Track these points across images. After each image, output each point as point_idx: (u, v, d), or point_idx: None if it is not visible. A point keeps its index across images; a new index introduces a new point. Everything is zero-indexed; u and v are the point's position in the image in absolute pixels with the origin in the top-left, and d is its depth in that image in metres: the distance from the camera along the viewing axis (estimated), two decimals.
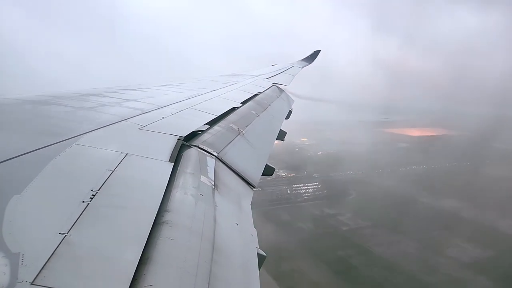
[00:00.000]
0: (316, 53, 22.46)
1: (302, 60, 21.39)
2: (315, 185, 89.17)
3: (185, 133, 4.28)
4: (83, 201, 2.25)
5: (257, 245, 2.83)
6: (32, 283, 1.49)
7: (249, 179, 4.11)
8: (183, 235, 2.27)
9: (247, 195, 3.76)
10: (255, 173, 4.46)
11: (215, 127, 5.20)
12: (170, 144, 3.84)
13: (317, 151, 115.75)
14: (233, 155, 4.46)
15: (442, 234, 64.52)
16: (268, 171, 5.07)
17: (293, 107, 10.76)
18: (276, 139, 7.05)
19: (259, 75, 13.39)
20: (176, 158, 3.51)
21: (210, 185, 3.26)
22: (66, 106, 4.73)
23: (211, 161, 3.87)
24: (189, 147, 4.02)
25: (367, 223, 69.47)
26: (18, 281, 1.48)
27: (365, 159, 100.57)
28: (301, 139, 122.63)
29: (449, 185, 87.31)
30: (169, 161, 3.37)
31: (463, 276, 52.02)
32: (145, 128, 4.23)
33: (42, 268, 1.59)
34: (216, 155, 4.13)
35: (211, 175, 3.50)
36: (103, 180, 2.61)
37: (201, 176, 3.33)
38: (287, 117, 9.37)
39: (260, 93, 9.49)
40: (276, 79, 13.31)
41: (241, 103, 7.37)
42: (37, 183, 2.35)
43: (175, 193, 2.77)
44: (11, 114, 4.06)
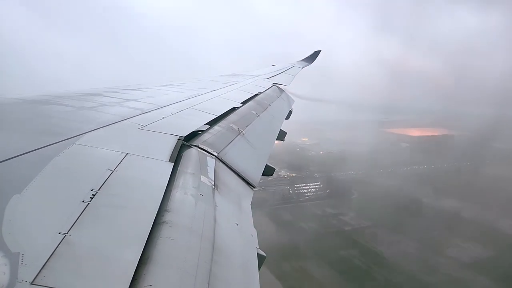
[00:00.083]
0: (316, 53, 22.46)
1: (302, 60, 21.39)
2: (317, 184, 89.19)
3: (185, 133, 4.28)
4: (83, 201, 2.25)
5: (257, 245, 2.83)
6: (32, 283, 1.49)
7: (249, 179, 4.10)
8: (183, 235, 2.27)
9: (247, 195, 3.76)
10: (255, 173, 4.46)
11: (215, 127, 5.19)
12: (170, 144, 3.84)
13: (319, 151, 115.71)
14: (233, 155, 4.45)
15: (442, 234, 64.62)
16: (268, 171, 5.07)
17: (293, 107, 10.77)
18: (276, 139, 7.05)
19: (259, 75, 13.38)
20: (176, 158, 3.51)
21: (210, 185, 3.26)
22: (66, 105, 4.73)
23: (211, 161, 3.86)
24: (189, 147, 4.01)
25: (369, 223, 69.58)
26: (18, 281, 1.48)
27: (366, 159, 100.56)
28: (302, 139, 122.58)
29: (450, 185, 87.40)
30: (169, 161, 3.37)
31: (464, 276, 52.13)
32: (145, 128, 4.23)
33: (42, 268, 1.59)
34: (216, 155, 4.12)
35: (211, 175, 3.50)
36: (103, 180, 2.61)
37: (201, 176, 3.33)
38: (287, 117, 9.36)
39: (260, 93, 9.48)
40: (276, 79, 13.30)
41: (241, 103, 7.36)
42: (37, 182, 2.35)
43: (175, 193, 2.76)
44: (11, 114, 4.06)
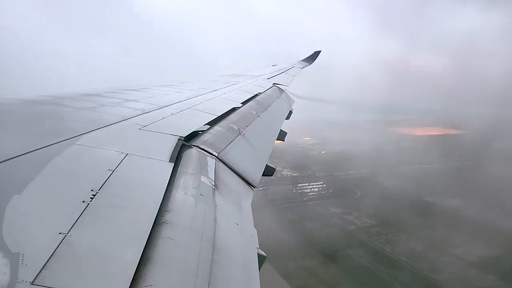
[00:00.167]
0: (316, 54, 22.47)
1: (302, 60, 21.40)
2: (320, 184, 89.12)
3: (185, 133, 4.28)
4: (83, 201, 2.25)
5: (257, 245, 2.82)
6: (32, 283, 1.49)
7: (250, 179, 4.10)
8: (183, 235, 2.27)
9: (248, 195, 3.76)
10: (255, 173, 4.46)
11: (216, 127, 5.19)
12: (170, 144, 3.84)
13: (320, 151, 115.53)
14: (234, 155, 4.45)
15: (447, 232, 64.65)
16: (268, 171, 5.07)
17: (293, 107, 10.77)
18: (276, 139, 7.05)
19: (260, 76, 13.38)
20: (176, 158, 3.51)
21: (210, 185, 3.26)
22: (66, 106, 4.73)
23: (211, 161, 3.86)
24: (190, 147, 4.01)
25: (373, 222, 69.61)
26: (18, 281, 1.48)
27: (368, 158, 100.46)
28: (303, 139, 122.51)
29: (453, 184, 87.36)
30: (169, 161, 3.37)
31: (470, 274, 52.03)
32: (145, 128, 4.23)
33: (42, 268, 1.59)
34: (216, 155, 4.12)
35: (212, 175, 3.50)
36: (103, 180, 2.61)
37: (202, 176, 3.32)
38: (288, 118, 9.37)
39: (260, 93, 9.48)
40: (276, 79, 13.30)
41: (241, 103, 7.36)
42: (37, 183, 2.35)
43: (175, 193, 2.76)
44: (11, 114, 4.06)
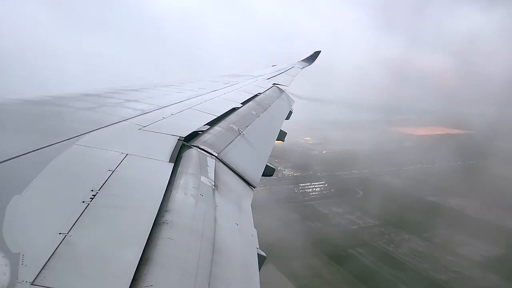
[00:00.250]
0: (316, 54, 22.48)
1: (302, 60, 21.41)
2: (321, 183, 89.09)
3: (185, 134, 4.28)
4: (84, 201, 2.25)
5: (257, 245, 2.82)
6: (32, 283, 1.49)
7: (250, 180, 4.11)
8: (183, 235, 2.27)
9: (248, 196, 3.76)
10: (255, 174, 4.46)
11: (216, 127, 5.19)
12: (170, 144, 3.84)
13: (321, 150, 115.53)
14: (234, 156, 4.45)
15: (450, 232, 64.69)
16: (268, 172, 5.07)
17: (293, 107, 10.78)
18: (276, 140, 7.06)
19: (259, 76, 13.38)
20: (176, 158, 3.51)
21: (210, 185, 3.26)
22: (66, 106, 4.73)
23: (211, 162, 3.87)
24: (190, 147, 4.01)
25: (376, 222, 69.54)
26: (18, 281, 1.48)
27: (369, 158, 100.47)
28: (304, 138, 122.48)
29: (455, 183, 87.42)
30: (169, 162, 3.37)
31: (475, 274, 51.98)
32: (145, 128, 4.23)
33: (42, 268, 1.59)
34: (216, 155, 4.12)
35: (211, 175, 3.50)
36: (103, 180, 2.61)
37: (201, 176, 3.33)
38: (288, 118, 9.38)
39: (260, 93, 9.48)
40: (276, 79, 13.30)
41: (241, 103, 7.37)
42: (38, 183, 2.35)
43: (175, 194, 2.76)
44: (12, 114, 4.06)
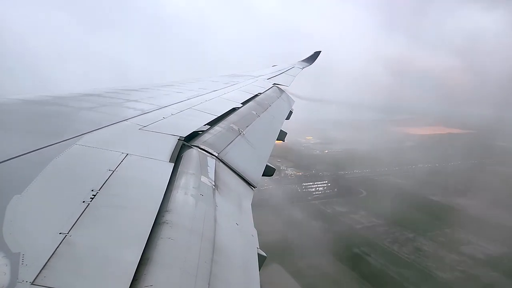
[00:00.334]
0: (316, 54, 22.48)
1: (302, 61, 21.42)
2: (324, 183, 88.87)
3: (185, 133, 4.28)
4: (84, 201, 2.25)
5: (258, 245, 2.82)
6: (32, 283, 1.49)
7: (250, 180, 4.10)
8: (184, 235, 2.27)
9: (248, 196, 3.76)
10: (255, 174, 4.46)
11: (216, 127, 5.19)
12: (170, 144, 3.84)
13: (323, 150, 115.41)
14: (234, 156, 4.45)
15: (454, 231, 64.76)
16: (268, 172, 5.07)
17: (294, 107, 10.78)
18: (276, 140, 7.06)
19: (260, 76, 13.39)
20: (176, 158, 3.51)
21: (210, 185, 3.26)
22: (67, 106, 4.73)
23: (211, 161, 3.87)
24: (190, 147, 4.01)
25: (380, 221, 69.35)
26: (18, 281, 1.48)
27: (371, 157, 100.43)
28: (306, 138, 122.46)
29: (458, 183, 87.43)
30: (169, 161, 3.37)
31: (479, 273, 51.95)
32: (145, 128, 4.23)
33: (42, 268, 1.59)
34: (216, 155, 4.12)
35: (212, 175, 3.50)
36: (103, 180, 2.61)
37: (202, 176, 3.33)
38: (288, 118, 9.38)
39: (260, 93, 9.49)
40: (276, 79, 13.31)
41: (241, 103, 7.37)
42: (38, 183, 2.35)
43: (176, 193, 2.76)
44: (12, 114, 4.06)
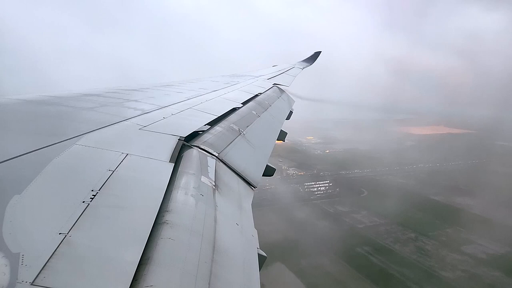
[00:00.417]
0: (316, 54, 22.50)
1: (303, 61, 21.43)
2: (326, 183, 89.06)
3: (185, 134, 4.28)
4: (84, 201, 2.25)
5: (258, 245, 2.82)
6: (32, 284, 1.49)
7: (250, 180, 4.10)
8: (184, 235, 2.26)
9: (248, 196, 3.76)
10: (255, 174, 4.46)
11: (216, 127, 5.19)
12: (170, 144, 3.83)
13: (324, 150, 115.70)
14: (234, 156, 4.45)
15: (456, 230, 64.92)
16: (268, 172, 5.07)
17: (294, 107, 10.78)
18: (277, 140, 7.05)
19: (260, 76, 13.39)
20: (176, 158, 3.51)
21: (210, 185, 3.25)
22: (67, 106, 4.73)
23: (211, 162, 3.86)
24: (190, 147, 4.01)
25: (381, 221, 69.54)
26: (18, 281, 1.48)
27: (372, 157, 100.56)
28: (307, 138, 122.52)
29: (459, 182, 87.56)
30: (169, 162, 3.37)
31: (481, 272, 52.07)
32: (145, 128, 4.23)
33: (42, 268, 1.59)
34: (216, 155, 4.12)
35: (212, 175, 3.50)
36: (103, 180, 2.61)
37: (202, 176, 3.32)
38: (288, 118, 9.38)
39: (260, 93, 9.49)
40: (277, 79, 13.31)
41: (241, 103, 7.37)
42: (38, 183, 2.35)
43: (176, 194, 2.76)
44: (12, 114, 4.06)
